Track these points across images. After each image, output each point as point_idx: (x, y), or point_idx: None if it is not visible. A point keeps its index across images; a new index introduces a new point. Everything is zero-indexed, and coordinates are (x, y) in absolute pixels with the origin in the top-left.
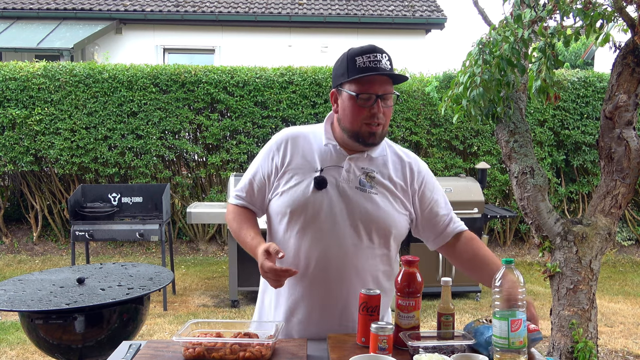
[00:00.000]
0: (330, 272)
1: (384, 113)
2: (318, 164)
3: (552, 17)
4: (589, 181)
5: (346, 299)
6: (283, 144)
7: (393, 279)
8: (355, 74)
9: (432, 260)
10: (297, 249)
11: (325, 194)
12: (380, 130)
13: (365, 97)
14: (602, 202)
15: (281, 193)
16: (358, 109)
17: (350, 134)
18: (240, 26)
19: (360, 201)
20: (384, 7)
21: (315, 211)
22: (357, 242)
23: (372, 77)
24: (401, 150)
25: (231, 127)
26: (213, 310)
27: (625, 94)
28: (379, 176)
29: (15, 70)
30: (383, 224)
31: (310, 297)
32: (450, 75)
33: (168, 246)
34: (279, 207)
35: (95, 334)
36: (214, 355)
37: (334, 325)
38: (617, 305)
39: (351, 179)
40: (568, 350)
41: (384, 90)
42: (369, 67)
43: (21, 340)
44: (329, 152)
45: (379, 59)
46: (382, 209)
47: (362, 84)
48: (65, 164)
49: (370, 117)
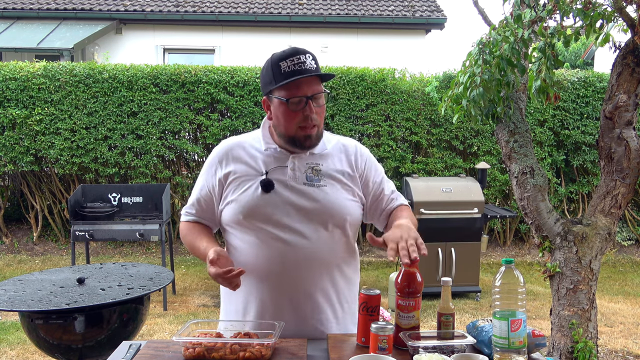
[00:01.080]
0: (293, 270)
1: (317, 113)
2: (262, 168)
3: (552, 17)
4: (589, 181)
5: (314, 292)
6: (224, 156)
7: (355, 265)
8: (281, 79)
9: (432, 260)
10: (256, 253)
11: (274, 195)
12: (316, 132)
13: (296, 100)
14: (602, 202)
15: (231, 202)
16: (290, 113)
17: (286, 140)
18: (240, 26)
19: (310, 196)
20: (384, 7)
21: (267, 213)
22: (315, 235)
23: (299, 80)
24: (342, 138)
25: (231, 127)
26: (213, 310)
27: (625, 94)
28: (325, 168)
29: (15, 70)
30: (337, 214)
31: (279, 297)
32: (450, 75)
33: (168, 246)
34: (231, 216)
35: (95, 334)
36: (214, 355)
37: (307, 319)
38: (617, 305)
39: (297, 176)
40: (568, 350)
41: (313, 90)
42: (294, 70)
43: (21, 340)
44: (271, 155)
45: (303, 61)
46: (334, 199)
47: (290, 88)
48: (66, 164)
49: (304, 120)
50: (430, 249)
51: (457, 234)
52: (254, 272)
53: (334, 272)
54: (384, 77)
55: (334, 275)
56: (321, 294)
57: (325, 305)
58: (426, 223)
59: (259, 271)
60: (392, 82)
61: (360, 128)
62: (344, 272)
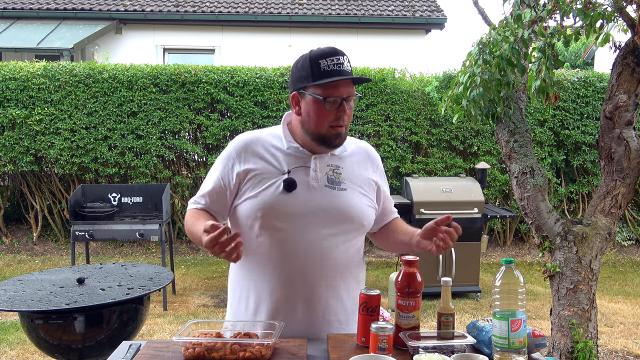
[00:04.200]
0: (309, 270)
1: (347, 115)
2: (285, 166)
3: (552, 17)
4: (589, 181)
5: (327, 294)
6: (243, 151)
7: (364, 270)
8: (320, 77)
9: (432, 260)
10: (271, 251)
11: (295, 195)
12: (345, 132)
13: (332, 100)
14: (602, 202)
15: (250, 198)
16: (325, 112)
17: (314, 137)
18: (240, 26)
19: (331, 199)
20: (384, 7)
21: (287, 213)
22: (332, 238)
23: (338, 81)
24: (359, 142)
25: (231, 127)
26: (213, 310)
27: (625, 94)
28: (345, 171)
29: (15, 70)
30: (356, 219)
31: (293, 297)
32: (450, 75)
33: (168, 246)
34: (249, 212)
35: (95, 334)
36: (214, 355)
37: (317, 321)
38: (617, 305)
39: (319, 177)
40: (568, 350)
41: (348, 92)
42: (334, 69)
43: (21, 340)
44: (292, 154)
45: (342, 62)
46: (353, 204)
47: (328, 87)
48: (65, 164)
49: (336, 120)
50: None
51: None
52: (268, 270)
53: (347, 275)
54: (384, 77)
55: (347, 278)
56: (334, 297)
57: (338, 307)
58: (426, 223)
59: (273, 270)
60: (392, 82)
61: (360, 128)
62: (356, 275)
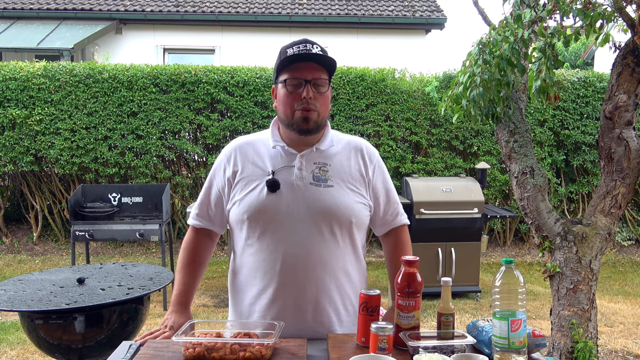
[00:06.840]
0: (297, 271)
1: (317, 99)
2: (269, 167)
3: (552, 17)
4: (589, 181)
5: (317, 294)
6: (232, 155)
7: (361, 268)
8: (285, 64)
9: (432, 260)
10: (261, 253)
11: (280, 195)
12: (316, 117)
13: (295, 82)
14: (602, 202)
15: (237, 202)
16: (289, 95)
17: (286, 123)
18: (240, 26)
19: (316, 196)
20: (384, 7)
21: (273, 214)
22: (320, 237)
23: (301, 64)
24: (352, 138)
25: (231, 127)
26: (213, 310)
27: (625, 94)
28: (332, 168)
29: (15, 70)
30: (342, 216)
31: (282, 298)
32: (450, 75)
33: (168, 246)
34: (237, 216)
35: (95, 334)
36: (214, 355)
37: (307, 322)
38: (617, 305)
39: (304, 175)
40: (568, 350)
41: (313, 75)
42: (298, 54)
43: (21, 340)
44: (279, 153)
45: (309, 49)
46: (339, 200)
47: (291, 70)
48: (66, 164)
49: (302, 103)
50: (430, 249)
51: (457, 234)
52: (259, 273)
53: (339, 274)
54: (384, 77)
55: (339, 278)
56: (325, 297)
57: (329, 308)
58: (426, 223)
59: (264, 272)
60: (392, 82)
61: (360, 128)
62: (349, 274)
